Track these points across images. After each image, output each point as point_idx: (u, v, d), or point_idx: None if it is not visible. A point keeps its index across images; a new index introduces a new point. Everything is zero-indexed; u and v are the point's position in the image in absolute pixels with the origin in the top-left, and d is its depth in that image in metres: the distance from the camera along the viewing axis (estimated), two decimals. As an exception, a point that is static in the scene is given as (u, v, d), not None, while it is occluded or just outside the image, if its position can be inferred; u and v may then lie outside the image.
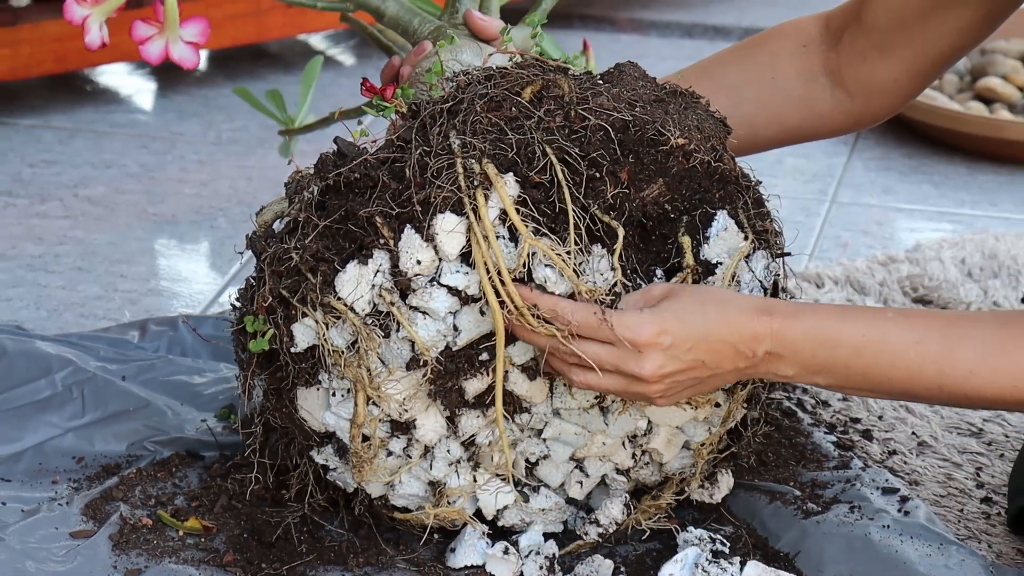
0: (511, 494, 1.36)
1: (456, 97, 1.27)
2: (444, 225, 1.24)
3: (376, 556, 1.38)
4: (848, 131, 1.51)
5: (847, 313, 1.25)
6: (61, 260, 1.95)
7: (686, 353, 1.23)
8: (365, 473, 1.32)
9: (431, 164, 1.25)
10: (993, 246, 1.96)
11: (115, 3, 1.44)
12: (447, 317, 1.27)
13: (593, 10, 2.84)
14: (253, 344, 1.31)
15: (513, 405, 1.32)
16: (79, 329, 1.76)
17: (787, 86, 1.47)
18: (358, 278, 1.26)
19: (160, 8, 1.44)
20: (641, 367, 1.23)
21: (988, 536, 1.45)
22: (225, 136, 2.32)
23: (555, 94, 1.27)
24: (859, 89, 1.46)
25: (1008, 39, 2.43)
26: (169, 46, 1.44)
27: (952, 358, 1.22)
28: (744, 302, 1.25)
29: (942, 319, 1.24)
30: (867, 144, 2.31)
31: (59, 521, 1.41)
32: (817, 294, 1.84)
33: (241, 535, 1.40)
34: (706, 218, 1.30)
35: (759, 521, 1.43)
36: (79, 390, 1.55)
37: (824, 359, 1.24)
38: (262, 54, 2.62)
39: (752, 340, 1.23)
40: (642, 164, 1.27)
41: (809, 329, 1.24)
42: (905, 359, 1.23)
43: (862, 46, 1.44)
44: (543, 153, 1.25)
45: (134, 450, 1.51)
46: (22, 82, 2.44)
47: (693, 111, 1.31)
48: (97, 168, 2.21)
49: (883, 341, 1.23)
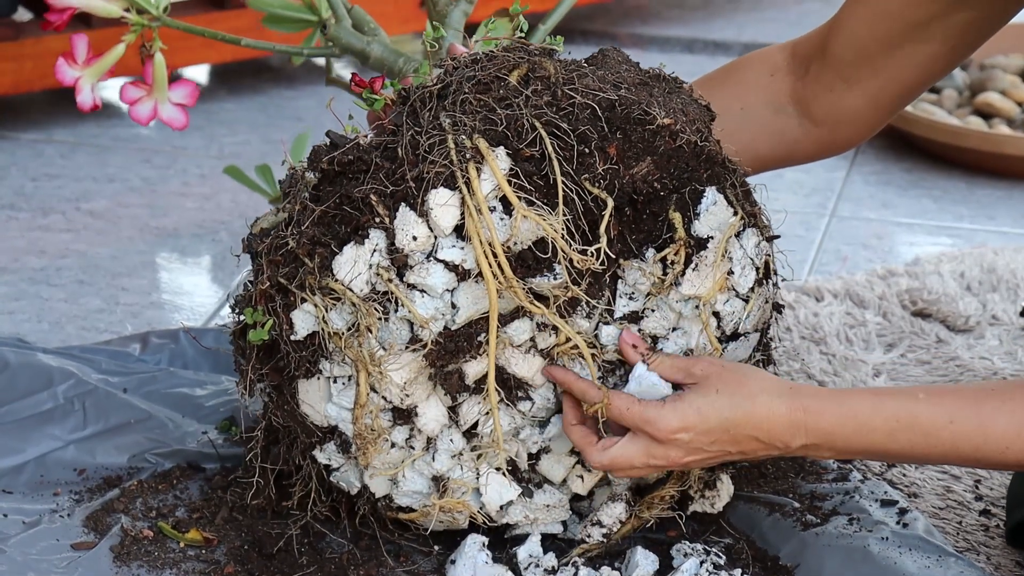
0: (515, 489, 1.36)
1: (445, 81, 1.30)
2: (437, 199, 1.26)
3: (377, 568, 1.39)
4: (817, 159, 1.52)
5: (878, 397, 1.28)
6: (63, 273, 1.96)
7: (709, 445, 1.28)
8: (370, 455, 1.32)
9: (423, 142, 1.27)
10: (992, 260, 1.97)
11: (106, 65, 1.47)
12: (444, 294, 1.29)
13: (594, 25, 2.85)
14: (253, 335, 1.32)
15: (513, 390, 1.33)
16: (81, 342, 1.77)
17: (756, 116, 1.48)
18: (355, 258, 1.28)
19: (149, 70, 1.47)
20: (664, 457, 1.29)
21: (987, 548, 1.45)
22: (227, 150, 2.33)
23: (541, 75, 1.30)
24: (826, 119, 1.46)
25: (1007, 55, 2.43)
26: (158, 107, 1.48)
27: (986, 435, 1.25)
28: (776, 395, 1.28)
29: (973, 397, 1.27)
30: (867, 159, 2.32)
31: (60, 533, 1.41)
32: (817, 307, 1.85)
33: (242, 547, 1.41)
34: (695, 195, 1.31)
35: (759, 533, 1.43)
36: (81, 402, 1.55)
37: (860, 445, 1.28)
38: (264, 68, 2.63)
39: (784, 435, 1.28)
40: (630, 142, 1.29)
41: (842, 418, 1.27)
42: (939, 439, 1.26)
43: (828, 77, 1.44)
44: (532, 127, 1.27)
45: (135, 462, 1.52)
46: (25, 96, 2.45)
47: (677, 95, 1.33)
48: (99, 182, 2.22)
49: (915, 424, 1.26)
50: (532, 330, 1.31)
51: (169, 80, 1.49)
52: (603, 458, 1.30)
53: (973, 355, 1.77)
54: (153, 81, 1.48)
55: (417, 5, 2.52)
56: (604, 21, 2.87)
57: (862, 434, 1.27)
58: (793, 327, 1.81)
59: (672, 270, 1.31)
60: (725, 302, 1.34)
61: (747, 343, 1.37)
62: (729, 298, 1.34)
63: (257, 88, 2.55)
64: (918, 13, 1.38)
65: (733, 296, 1.34)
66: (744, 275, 1.34)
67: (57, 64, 1.45)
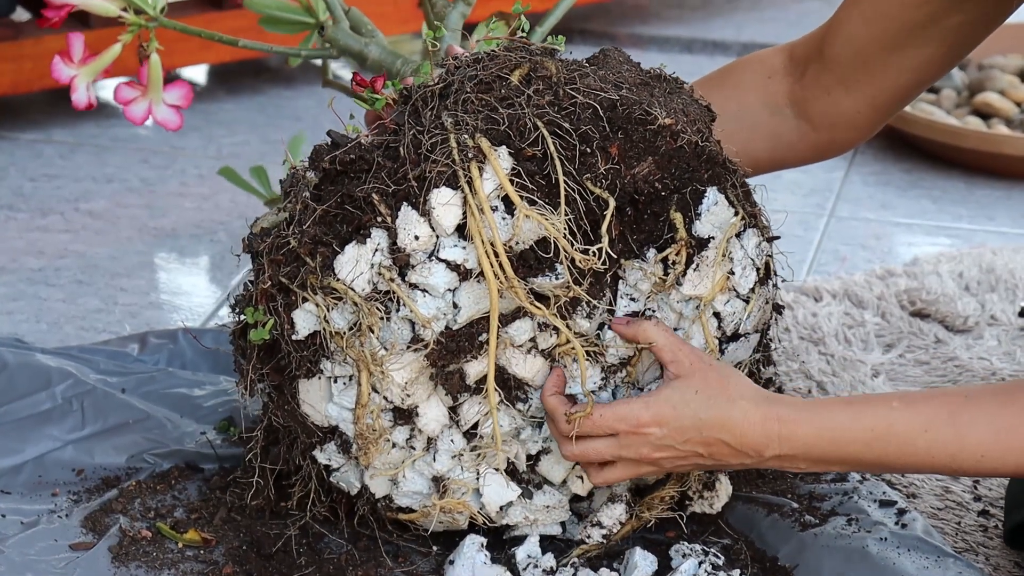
0: (514, 490, 1.37)
1: (446, 80, 1.30)
2: (439, 199, 1.26)
3: (375, 568, 1.39)
4: (814, 161, 1.53)
5: (854, 407, 1.27)
6: (62, 273, 1.96)
7: (681, 444, 1.28)
8: (371, 455, 1.33)
9: (425, 141, 1.27)
10: (990, 260, 1.97)
11: (102, 65, 1.47)
12: (446, 294, 1.29)
13: (593, 25, 2.85)
14: (254, 334, 1.32)
15: (513, 391, 1.33)
16: (79, 342, 1.77)
17: (752, 118, 1.48)
18: (357, 258, 1.28)
19: (144, 71, 1.47)
20: (639, 451, 1.28)
21: (985, 549, 1.45)
22: (226, 150, 2.33)
23: (543, 75, 1.30)
24: (823, 121, 1.47)
25: (1006, 55, 2.43)
26: (152, 108, 1.49)
27: (962, 444, 1.25)
28: (754, 402, 1.27)
29: (948, 405, 1.26)
30: (865, 159, 2.32)
31: (59, 533, 1.42)
32: (816, 308, 1.85)
33: (240, 547, 1.41)
34: (696, 195, 1.32)
35: (757, 533, 1.43)
36: (79, 403, 1.55)
37: (836, 456, 1.27)
38: (262, 69, 2.63)
39: (757, 444, 1.27)
40: (631, 142, 1.29)
41: (818, 430, 1.27)
42: (915, 448, 1.26)
43: (826, 80, 1.45)
44: (534, 127, 1.27)
45: (134, 462, 1.52)
46: (24, 97, 2.45)
47: (678, 96, 1.34)
48: (98, 182, 2.22)
49: (891, 433, 1.26)
50: (533, 330, 1.31)
51: (165, 81, 1.49)
52: (575, 448, 1.29)
53: (972, 355, 1.77)
54: (148, 82, 1.48)
55: (415, 5, 2.52)
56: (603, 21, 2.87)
57: (839, 445, 1.26)
58: (792, 327, 1.81)
59: (673, 270, 1.32)
60: (726, 303, 1.34)
61: (747, 344, 1.37)
62: (730, 299, 1.34)
63: (256, 88, 2.55)
64: (914, 15, 1.38)
65: (734, 297, 1.34)
66: (745, 275, 1.34)
67: (53, 62, 1.46)
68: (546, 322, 1.31)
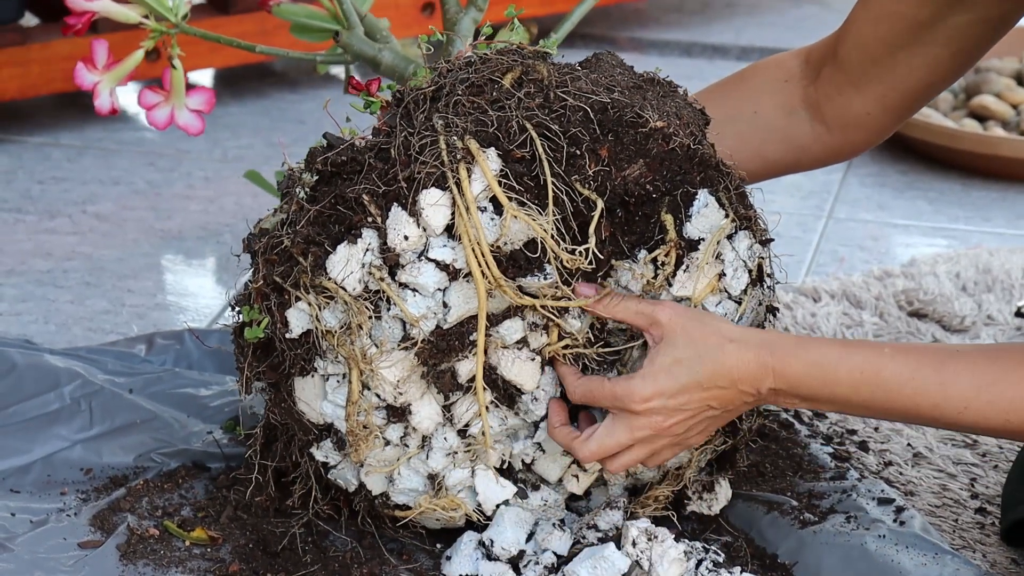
0: (509, 489, 1.38)
1: (438, 83, 1.31)
2: (428, 199, 1.27)
3: (380, 566, 1.40)
4: (828, 163, 1.53)
5: (846, 349, 1.28)
6: (69, 275, 1.97)
7: (687, 404, 1.28)
8: (362, 452, 1.33)
9: (415, 143, 1.28)
10: (987, 261, 1.98)
11: (125, 71, 1.49)
12: (436, 294, 1.30)
13: (593, 29, 2.86)
14: (249, 332, 1.33)
15: (504, 393, 1.34)
16: (87, 343, 1.77)
17: (768, 120, 1.50)
18: (348, 257, 1.29)
19: (167, 76, 1.48)
20: (648, 427, 1.28)
21: (983, 546, 1.46)
22: (231, 153, 2.34)
23: (534, 78, 1.30)
24: (836, 122, 1.48)
25: (1002, 58, 2.45)
26: (175, 113, 1.50)
27: (946, 394, 1.26)
28: (743, 342, 1.28)
29: (936, 356, 1.27)
30: (863, 161, 2.33)
31: (67, 532, 1.42)
32: (814, 308, 1.86)
33: (247, 545, 1.42)
34: (688, 197, 1.32)
35: (757, 531, 1.44)
36: (87, 403, 1.56)
37: (825, 394, 1.28)
38: (267, 72, 2.64)
39: (753, 380, 1.28)
40: (622, 144, 1.30)
41: (808, 367, 1.27)
42: (901, 394, 1.27)
43: (838, 81, 1.46)
44: (523, 129, 1.28)
45: (141, 462, 1.52)
46: (32, 101, 2.46)
47: (672, 99, 1.34)
48: (105, 185, 2.23)
49: (879, 377, 1.27)
50: (524, 330, 1.32)
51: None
52: (591, 446, 1.30)
53: (969, 355, 1.78)
54: (171, 87, 1.49)
55: (418, 10, 2.54)
56: (603, 25, 2.88)
57: (827, 385, 1.27)
58: (791, 327, 1.82)
59: (663, 271, 1.32)
60: (717, 304, 1.34)
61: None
62: (721, 300, 1.35)
63: (260, 92, 2.56)
64: (919, 14, 1.39)
65: (725, 298, 1.35)
66: (736, 277, 1.34)
67: (76, 69, 1.47)
68: (537, 322, 1.32)
